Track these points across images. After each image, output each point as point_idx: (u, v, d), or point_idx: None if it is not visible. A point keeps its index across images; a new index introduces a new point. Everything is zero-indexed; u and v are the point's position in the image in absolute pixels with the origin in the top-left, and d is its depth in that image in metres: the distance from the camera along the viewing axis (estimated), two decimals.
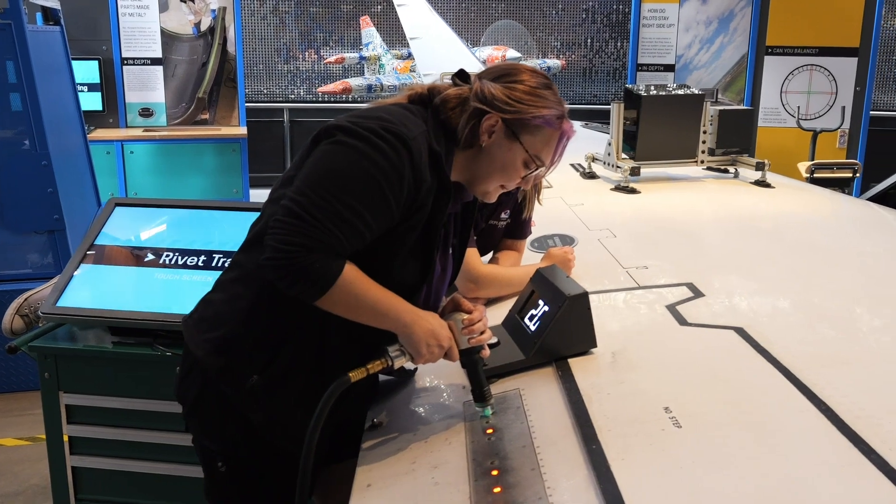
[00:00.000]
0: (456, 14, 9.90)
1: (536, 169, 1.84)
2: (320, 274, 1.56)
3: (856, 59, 8.69)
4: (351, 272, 1.60)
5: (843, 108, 8.53)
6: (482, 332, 1.76)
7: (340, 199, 1.57)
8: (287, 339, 1.75)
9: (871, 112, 8.85)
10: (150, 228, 2.62)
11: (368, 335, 1.71)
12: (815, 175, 6.66)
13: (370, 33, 10.02)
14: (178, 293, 2.47)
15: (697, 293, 2.35)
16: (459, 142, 1.76)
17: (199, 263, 2.50)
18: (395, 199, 1.62)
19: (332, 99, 9.83)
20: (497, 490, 1.52)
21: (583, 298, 1.97)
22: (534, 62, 9.75)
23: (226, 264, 2.51)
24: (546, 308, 2.00)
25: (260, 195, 8.65)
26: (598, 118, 7.64)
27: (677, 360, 1.97)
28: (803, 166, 6.92)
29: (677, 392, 1.77)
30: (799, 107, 8.50)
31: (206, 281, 2.46)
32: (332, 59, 9.82)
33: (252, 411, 1.79)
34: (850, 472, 1.44)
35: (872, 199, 4.12)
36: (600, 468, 1.49)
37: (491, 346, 1.83)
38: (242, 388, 1.75)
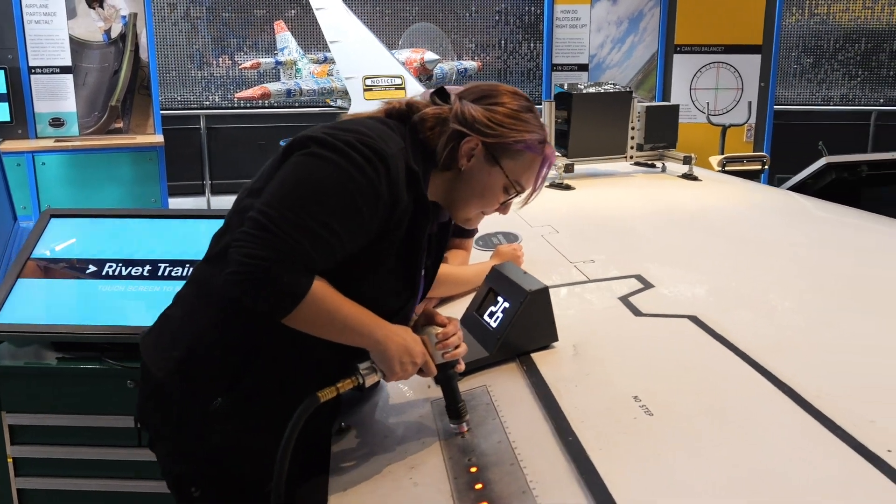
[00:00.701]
0: (370, 17, 9.86)
1: (516, 194, 1.78)
2: (289, 289, 1.46)
3: (759, 55, 9.00)
4: (321, 287, 1.51)
5: (749, 103, 8.84)
6: (457, 347, 1.69)
7: (312, 212, 1.48)
8: (252, 359, 1.65)
9: (775, 106, 9.18)
10: (89, 239, 2.51)
11: (337, 353, 1.64)
12: (726, 168, 6.86)
13: (285, 38, 9.90)
14: (124, 305, 2.38)
15: (647, 284, 2.38)
16: (438, 163, 1.69)
17: (145, 273, 2.41)
18: (369, 216, 1.54)
19: (250, 104, 9.67)
20: (479, 487, 1.51)
21: (543, 293, 1.98)
22: (451, 64, 9.80)
23: (172, 273, 2.46)
24: (506, 304, 2.00)
25: (179, 204, 8.46)
26: None
27: (638, 350, 1.99)
28: (715, 160, 7.12)
29: (643, 381, 1.79)
30: (708, 103, 8.75)
31: (153, 291, 2.38)
32: (247, 64, 9.67)
33: (216, 434, 1.68)
34: (820, 450, 1.48)
35: (791, 188, 4.27)
36: (580, 459, 1.50)
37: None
38: (207, 411, 1.65)
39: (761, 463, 1.46)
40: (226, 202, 9.39)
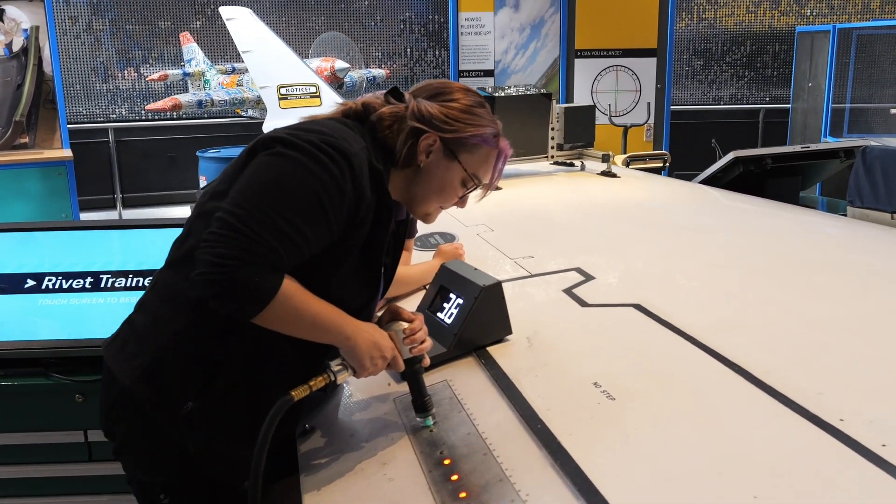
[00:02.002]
0: (277, 27, 9.70)
1: (474, 187, 1.80)
2: (258, 288, 1.44)
3: (655, 59, 9.26)
4: (290, 286, 1.49)
5: (648, 104, 9.09)
6: (423, 342, 1.70)
7: (279, 211, 1.46)
8: (221, 362, 1.61)
9: (671, 107, 9.47)
10: (25, 253, 2.39)
11: (307, 351, 1.63)
12: (630, 166, 7.06)
13: (192, 49, 9.66)
14: (68, 318, 2.27)
15: (588, 276, 2.43)
16: (398, 161, 1.70)
17: (87, 286, 2.31)
18: (334, 215, 1.53)
19: (160, 116, 9.41)
20: (455, 478, 1.51)
21: (496, 288, 1.99)
22: (360, 72, 9.76)
23: (116, 284, 2.37)
24: (460, 300, 2.01)
25: (90, 218, 8.15)
26: None
27: (590, 339, 2.03)
28: (619, 159, 7.30)
29: (600, 368, 1.83)
30: (609, 104, 8.96)
31: (97, 303, 2.29)
32: (154, 76, 9.38)
33: (188, 440, 1.64)
34: (777, 422, 1.54)
35: (703, 182, 4.42)
36: (552, 446, 1.51)
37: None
38: (177, 417, 1.61)
39: (725, 438, 1.50)
40: (138, 215, 9.11)
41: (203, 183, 6.62)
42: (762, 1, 10.75)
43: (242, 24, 6.96)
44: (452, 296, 2.05)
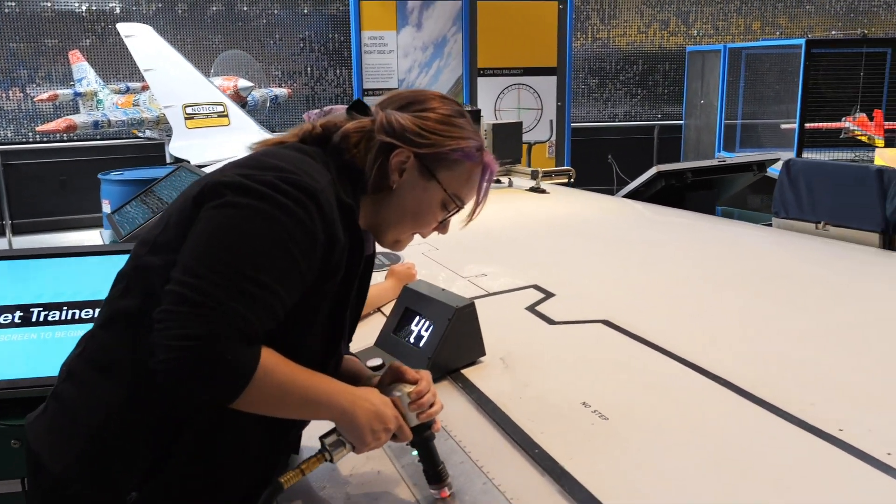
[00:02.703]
0: (172, 45, 9.42)
1: (456, 210, 1.54)
2: (234, 368, 1.18)
3: (555, 77, 9.42)
4: (270, 358, 1.24)
5: (551, 121, 9.23)
6: (432, 405, 1.45)
7: (244, 272, 1.20)
8: (170, 444, 1.32)
9: (572, 124, 9.65)
10: None
11: (271, 427, 1.38)
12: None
13: (82, 68, 9.21)
14: None
15: (547, 293, 2.39)
16: (367, 186, 1.44)
17: (16, 321, 2.10)
18: (307, 265, 1.28)
19: (50, 138, 8.91)
20: None
21: (470, 308, 1.93)
22: (262, 91, 9.52)
23: (48, 318, 2.17)
24: (431, 323, 1.93)
25: None
26: None
27: (566, 357, 1.98)
28: None
29: (585, 387, 1.78)
30: None
31: (28, 339, 2.08)
32: (43, 96, 8.88)
33: None
34: (777, 434, 1.53)
35: (626, 196, 4.47)
36: (555, 471, 1.45)
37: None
38: None
39: (729, 453, 1.48)
40: (28, 242, 8.60)
41: (106, 208, 6.27)
42: (652, 21, 11.10)
43: (143, 42, 6.67)
44: (418, 318, 1.97)
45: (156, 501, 1.33)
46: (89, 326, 1.44)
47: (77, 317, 2.14)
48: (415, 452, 1.47)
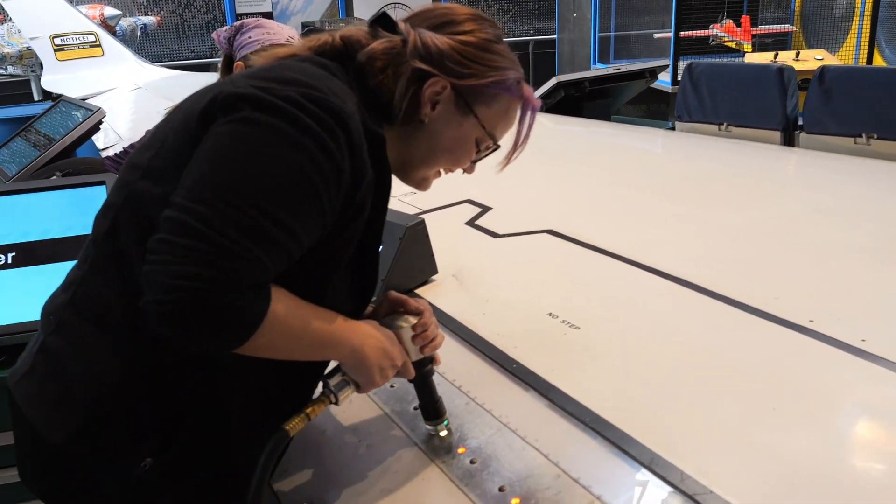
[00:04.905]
0: None
1: (490, 151, 1.32)
2: (242, 316, 0.99)
3: None
4: (281, 303, 1.04)
5: None
6: (433, 339, 1.29)
7: (260, 205, 0.99)
8: (183, 403, 1.14)
9: None
10: None
11: (287, 370, 1.18)
12: None
13: None
14: None
15: (484, 207, 2.29)
16: (397, 118, 1.19)
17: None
18: (329, 202, 1.05)
19: None
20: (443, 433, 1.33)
21: (421, 226, 1.82)
22: (130, 20, 8.88)
23: (9, 260, 1.89)
24: (381, 244, 1.80)
25: None
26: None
27: (519, 269, 1.90)
28: None
29: (546, 297, 1.71)
30: None
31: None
32: None
33: (154, 500, 1.18)
34: (747, 329, 1.51)
35: None
36: (540, 386, 1.38)
37: None
38: (132, 477, 1.14)
39: (710, 350, 1.44)
40: None
41: None
42: None
43: None
44: None
45: (171, 466, 1.15)
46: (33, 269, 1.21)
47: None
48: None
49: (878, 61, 7.20)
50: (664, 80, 6.13)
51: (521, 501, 1.13)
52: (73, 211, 1.99)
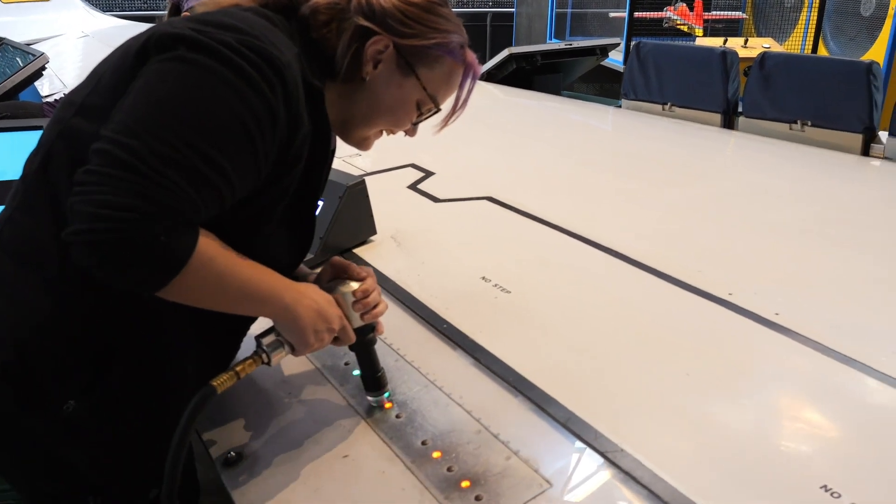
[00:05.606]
0: None
1: (430, 113, 1.30)
2: (166, 252, 0.96)
3: None
4: (208, 244, 1.02)
5: None
6: (376, 305, 1.27)
7: (190, 141, 0.97)
8: (114, 348, 1.12)
9: None
10: None
11: (224, 325, 1.19)
12: None
13: None
14: None
15: (427, 172, 2.30)
16: (339, 74, 1.19)
17: None
18: (263, 150, 1.04)
19: None
20: (388, 406, 1.33)
21: (361, 186, 1.82)
22: None
23: None
24: (321, 202, 1.81)
25: None
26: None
27: (456, 234, 1.92)
28: None
29: (480, 261, 1.73)
30: None
31: None
32: None
33: (71, 449, 1.16)
34: (671, 298, 1.55)
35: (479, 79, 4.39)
36: (467, 345, 1.41)
37: None
38: (55, 419, 1.12)
39: (634, 317, 1.48)
40: None
41: None
42: None
43: None
44: None
45: (95, 410, 1.14)
46: None
47: None
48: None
49: (823, 53, 7.35)
50: (616, 59, 6.17)
51: (442, 454, 1.16)
52: (9, 155, 1.95)
